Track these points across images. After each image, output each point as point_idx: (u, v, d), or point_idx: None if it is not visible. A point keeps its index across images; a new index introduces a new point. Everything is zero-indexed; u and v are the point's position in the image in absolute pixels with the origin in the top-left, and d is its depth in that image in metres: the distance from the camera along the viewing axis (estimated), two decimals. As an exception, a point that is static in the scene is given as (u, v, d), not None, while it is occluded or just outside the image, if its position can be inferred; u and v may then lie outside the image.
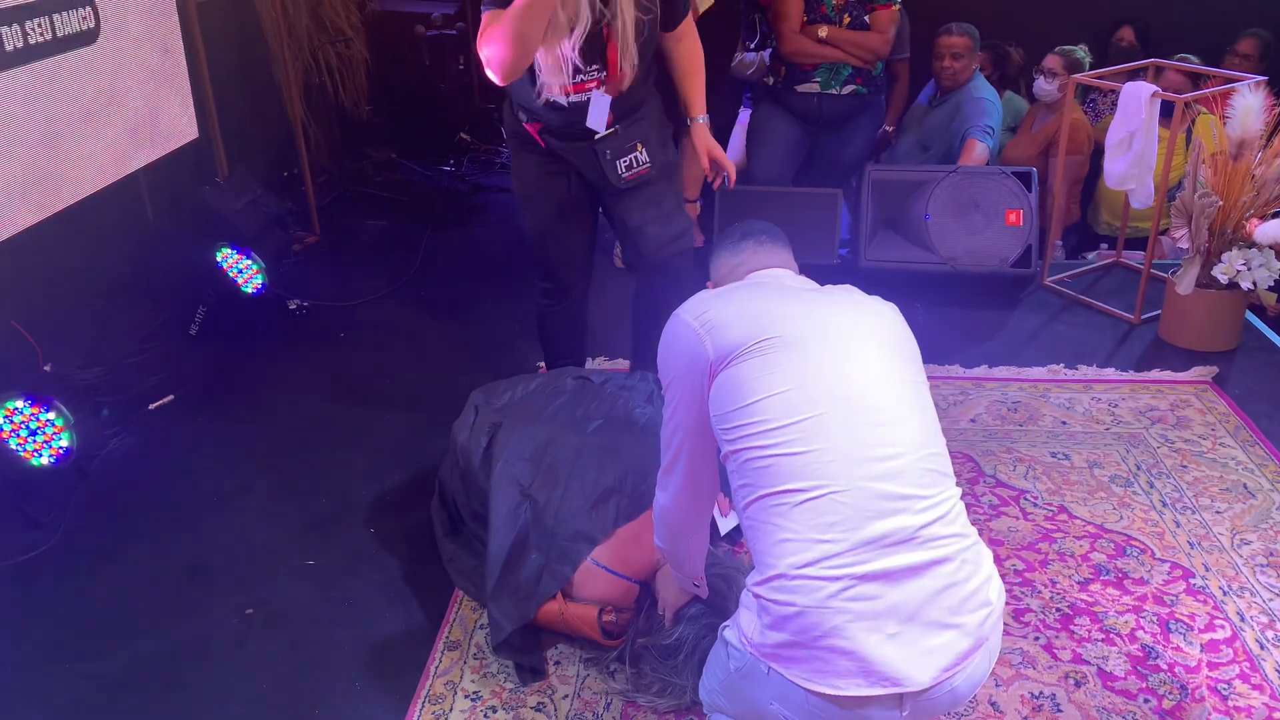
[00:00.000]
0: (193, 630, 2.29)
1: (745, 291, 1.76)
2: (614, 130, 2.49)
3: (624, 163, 2.52)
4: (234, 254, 3.58)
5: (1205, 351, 3.28)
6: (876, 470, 1.52)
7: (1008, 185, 3.67)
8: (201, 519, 2.67)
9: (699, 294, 1.77)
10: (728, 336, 1.62)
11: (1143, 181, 3.40)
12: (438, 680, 2.12)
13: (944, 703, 1.53)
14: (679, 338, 1.69)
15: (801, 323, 1.63)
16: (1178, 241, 3.28)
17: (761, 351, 1.59)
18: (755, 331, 1.61)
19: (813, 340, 1.61)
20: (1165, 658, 2.10)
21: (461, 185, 5.16)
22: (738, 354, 1.60)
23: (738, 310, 1.67)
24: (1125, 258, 3.99)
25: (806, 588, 1.49)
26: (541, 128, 2.53)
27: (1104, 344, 3.40)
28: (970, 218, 3.67)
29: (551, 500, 2.16)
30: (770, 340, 1.60)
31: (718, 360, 1.62)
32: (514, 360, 3.39)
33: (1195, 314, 3.29)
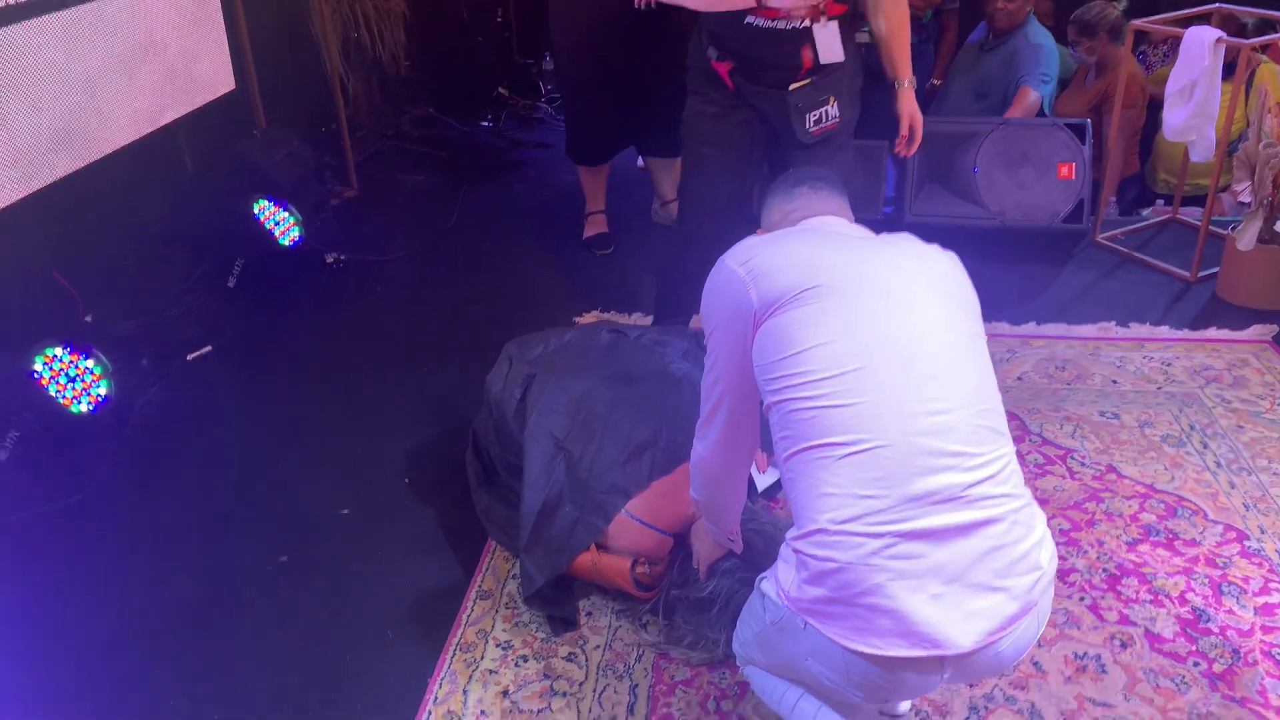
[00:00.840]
0: (227, 576, 2.30)
1: (794, 238, 1.69)
2: (809, 81, 2.38)
3: (813, 116, 2.39)
4: (271, 206, 3.56)
5: (1265, 310, 3.16)
6: (925, 425, 1.46)
7: (1060, 137, 3.55)
8: (238, 468, 2.68)
9: (746, 239, 1.70)
10: (774, 284, 1.56)
11: (1203, 133, 3.26)
12: (469, 629, 2.10)
13: (988, 667, 1.48)
14: (724, 285, 1.64)
15: (852, 270, 1.57)
16: (1239, 196, 3.15)
17: (808, 300, 1.53)
18: (802, 279, 1.55)
19: (863, 288, 1.55)
20: (1217, 621, 2.03)
21: (499, 141, 5.11)
22: (783, 302, 1.54)
23: (785, 257, 1.60)
24: (1182, 214, 3.85)
25: (847, 543, 1.44)
26: (733, 68, 2.40)
27: (1158, 302, 3.29)
28: (1020, 171, 3.56)
29: (586, 453, 2.13)
30: (817, 288, 1.53)
31: (762, 308, 1.56)
32: (550, 315, 3.35)
33: (1255, 271, 3.17)
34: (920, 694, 1.71)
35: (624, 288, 3.54)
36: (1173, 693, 1.87)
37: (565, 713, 1.90)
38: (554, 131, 5.24)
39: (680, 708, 1.90)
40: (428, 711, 1.91)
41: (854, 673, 1.48)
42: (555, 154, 4.93)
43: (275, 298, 3.54)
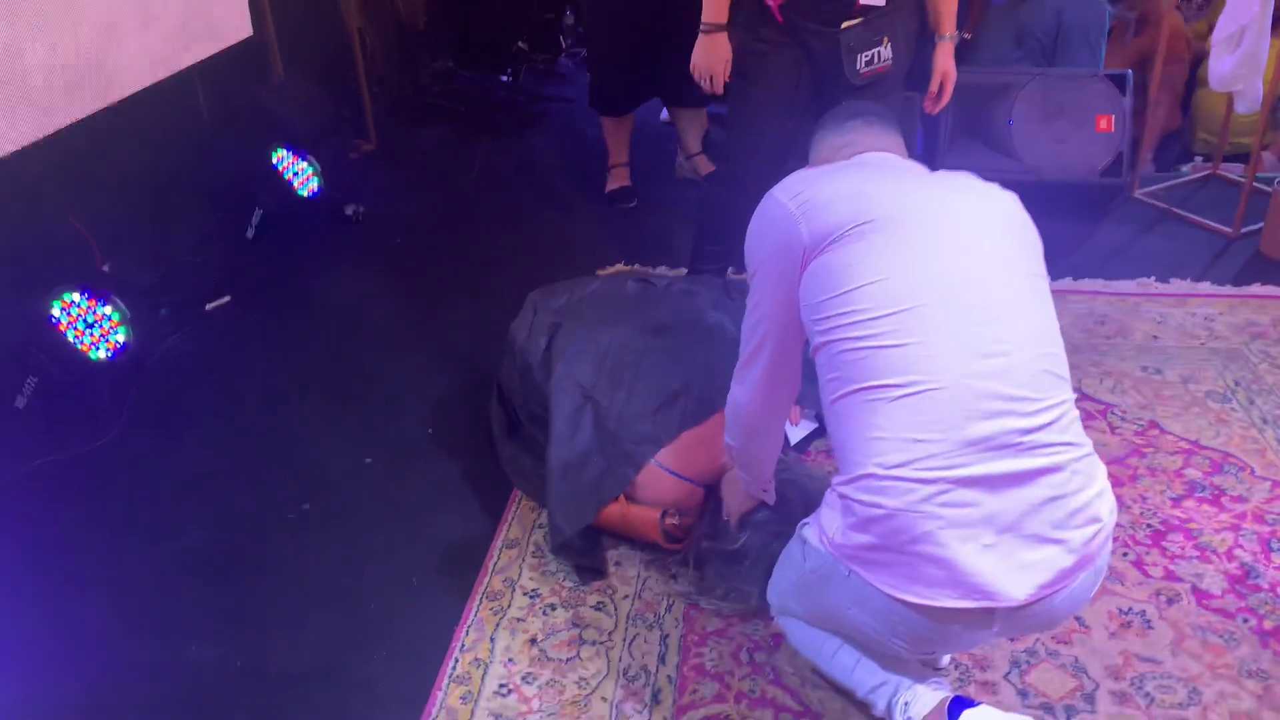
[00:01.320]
0: (250, 523, 2.26)
1: (848, 171, 1.61)
2: (862, 20, 2.29)
3: (865, 57, 2.30)
4: (290, 156, 3.51)
5: (1311, 266, 3.07)
6: (982, 367, 1.39)
7: (1099, 88, 3.44)
8: (259, 417, 2.64)
9: (796, 172, 1.63)
10: (825, 218, 1.49)
11: (1251, 83, 3.16)
12: (495, 577, 2.06)
13: (1039, 622, 1.43)
14: (772, 219, 1.56)
15: (908, 206, 1.49)
16: (1286, 147, 3.05)
17: (862, 235, 1.46)
18: (856, 213, 1.48)
19: (919, 225, 1.47)
20: (1266, 577, 1.97)
21: (519, 96, 5.02)
22: (835, 238, 1.47)
23: (838, 190, 1.53)
24: (1223, 170, 3.75)
25: (897, 489, 1.38)
26: (783, 2, 2.31)
27: (1199, 258, 3.20)
28: (1057, 123, 3.45)
29: (615, 402, 2.07)
30: (872, 223, 1.46)
31: (812, 244, 1.49)
32: (573, 267, 3.27)
33: (1301, 226, 3.07)
34: (967, 647, 1.66)
35: (648, 241, 3.47)
36: (1222, 649, 1.81)
37: (594, 661, 1.85)
38: (574, 87, 5.15)
39: (712, 658, 1.85)
40: (454, 659, 1.87)
41: (899, 623, 1.43)
42: (575, 109, 4.84)
43: (294, 248, 3.48)
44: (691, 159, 3.94)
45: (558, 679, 1.82)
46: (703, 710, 1.75)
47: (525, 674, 1.84)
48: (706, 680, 1.80)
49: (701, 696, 1.77)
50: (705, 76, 2.45)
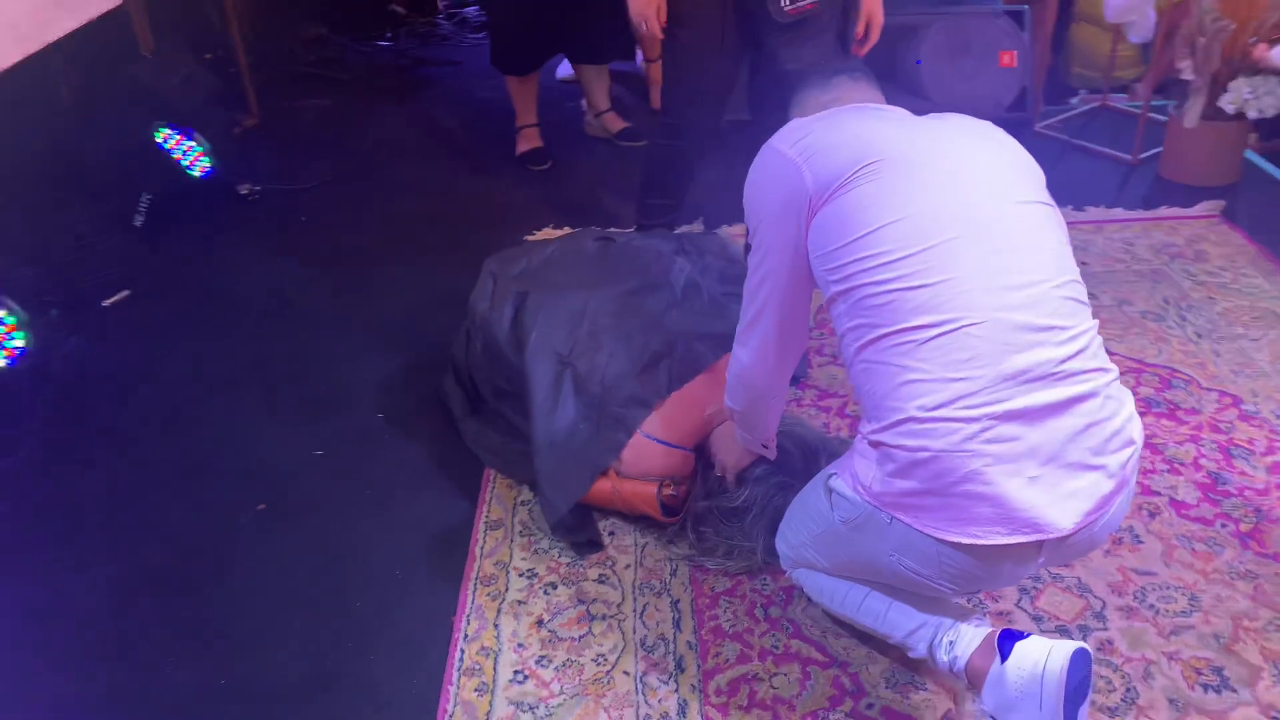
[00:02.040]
0: (202, 531, 2.09)
1: (847, 114, 1.57)
2: None
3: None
4: (175, 135, 3.24)
5: (1208, 186, 3.22)
6: (1013, 300, 1.37)
7: (1000, 25, 3.51)
8: (188, 416, 2.44)
9: (793, 121, 1.57)
10: (830, 162, 1.44)
11: (1144, 13, 3.27)
12: (486, 561, 1.96)
13: (1082, 549, 1.44)
14: (772, 170, 1.51)
15: (913, 143, 1.46)
16: (1181, 73, 3.17)
17: (871, 175, 1.42)
18: (862, 153, 1.44)
19: (929, 161, 1.44)
20: (1234, 483, 2.06)
21: (402, 60, 4.80)
22: (843, 181, 1.43)
23: (841, 134, 1.48)
24: (1112, 101, 3.89)
25: (940, 430, 1.35)
26: None
27: (1107, 185, 3.32)
28: (962, 61, 3.51)
29: (596, 366, 1.99)
30: (880, 163, 1.42)
31: (819, 192, 1.44)
32: (500, 235, 3.16)
33: (1199, 148, 3.22)
34: (1014, 581, 1.67)
35: (573, 202, 3.37)
36: (1209, 555, 1.89)
37: (609, 636, 1.79)
38: (459, 49, 4.96)
39: (728, 618, 1.81)
40: (460, 650, 1.78)
41: (948, 565, 1.41)
42: (466, 71, 4.67)
43: (191, 233, 3.24)
44: (600, 116, 3.84)
45: (574, 658, 1.75)
46: (730, 672, 1.71)
47: (539, 657, 1.76)
48: (727, 642, 1.76)
49: (725, 659, 1.73)
50: (640, 21, 2.37)
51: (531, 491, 2.12)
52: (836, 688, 1.67)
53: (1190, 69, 3.13)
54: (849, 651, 1.73)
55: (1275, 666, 1.66)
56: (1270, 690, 1.63)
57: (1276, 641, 1.71)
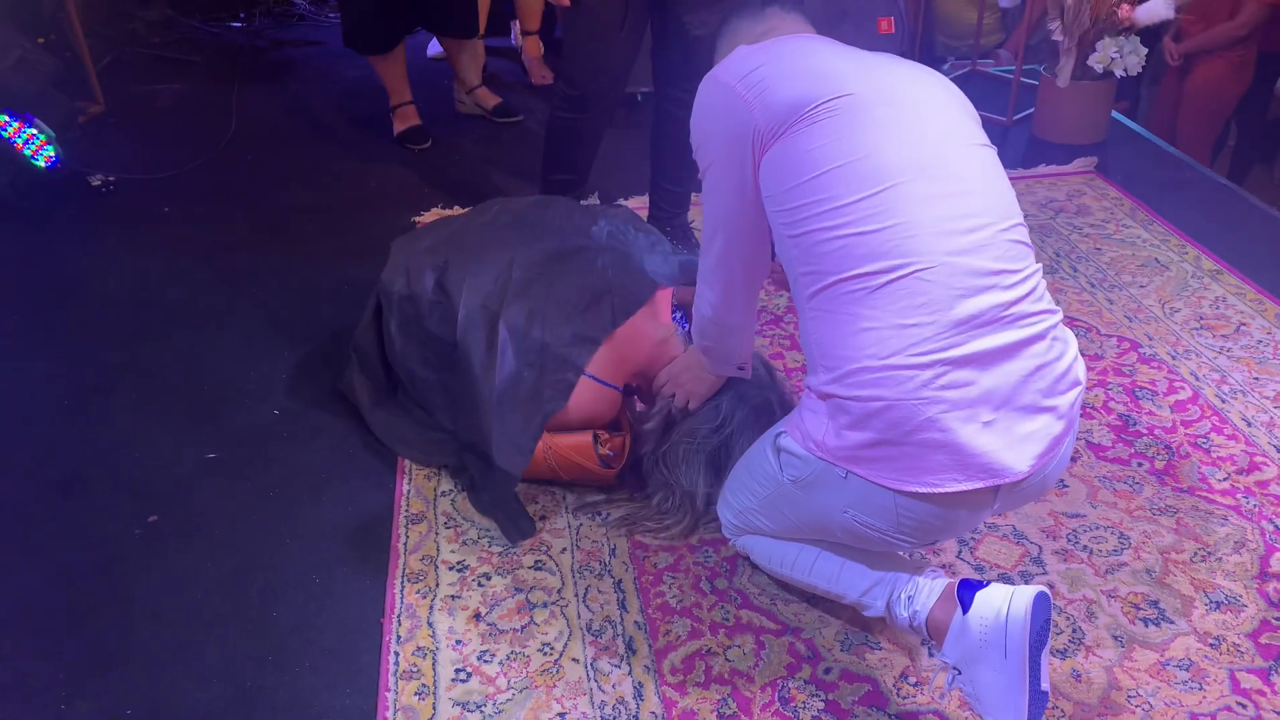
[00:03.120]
0: (90, 551, 1.89)
1: (794, 44, 1.51)
2: None
3: None
4: (14, 122, 2.95)
5: (1080, 144, 3.34)
6: (962, 244, 1.35)
7: (877, -8, 3.55)
8: (59, 427, 2.22)
9: (737, 51, 1.51)
10: (780, 97, 1.39)
11: (1014, -22, 3.36)
12: (411, 557, 1.84)
13: (1033, 492, 1.44)
14: (719, 106, 1.45)
15: (864, 82, 1.42)
16: (1052, 35, 3.27)
17: (824, 114, 1.38)
18: (814, 91, 1.39)
19: (879, 102, 1.41)
20: (1142, 423, 2.12)
21: (259, 41, 4.54)
22: (795, 119, 1.38)
23: (790, 67, 1.43)
24: (980, 66, 4.00)
25: (894, 379, 1.33)
26: None
27: (985, 146, 3.40)
28: (842, 27, 3.53)
29: (534, 312, 1.88)
30: (833, 102, 1.38)
31: (769, 128, 1.39)
32: (386, 218, 3.01)
33: (1070, 107, 3.33)
34: (969, 529, 1.67)
35: (457, 182, 3.24)
36: (1130, 494, 1.94)
37: (552, 624, 1.70)
38: (319, 29, 4.73)
39: (674, 594, 1.75)
40: (393, 653, 1.66)
41: (905, 517, 1.39)
42: (328, 51, 4.46)
43: (41, 230, 2.96)
44: (472, 93, 3.71)
45: (518, 650, 1.66)
46: (683, 649, 1.65)
47: (480, 652, 1.66)
48: (676, 618, 1.71)
49: (677, 636, 1.67)
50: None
51: (454, 479, 2.01)
52: (792, 655, 1.63)
53: (1060, 30, 3.24)
54: (800, 617, 1.70)
55: (1206, 595, 1.72)
56: (1205, 618, 1.68)
57: (1204, 571, 1.76)
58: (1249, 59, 3.95)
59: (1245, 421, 2.11)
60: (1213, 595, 1.72)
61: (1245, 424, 2.10)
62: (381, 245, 2.71)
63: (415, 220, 2.99)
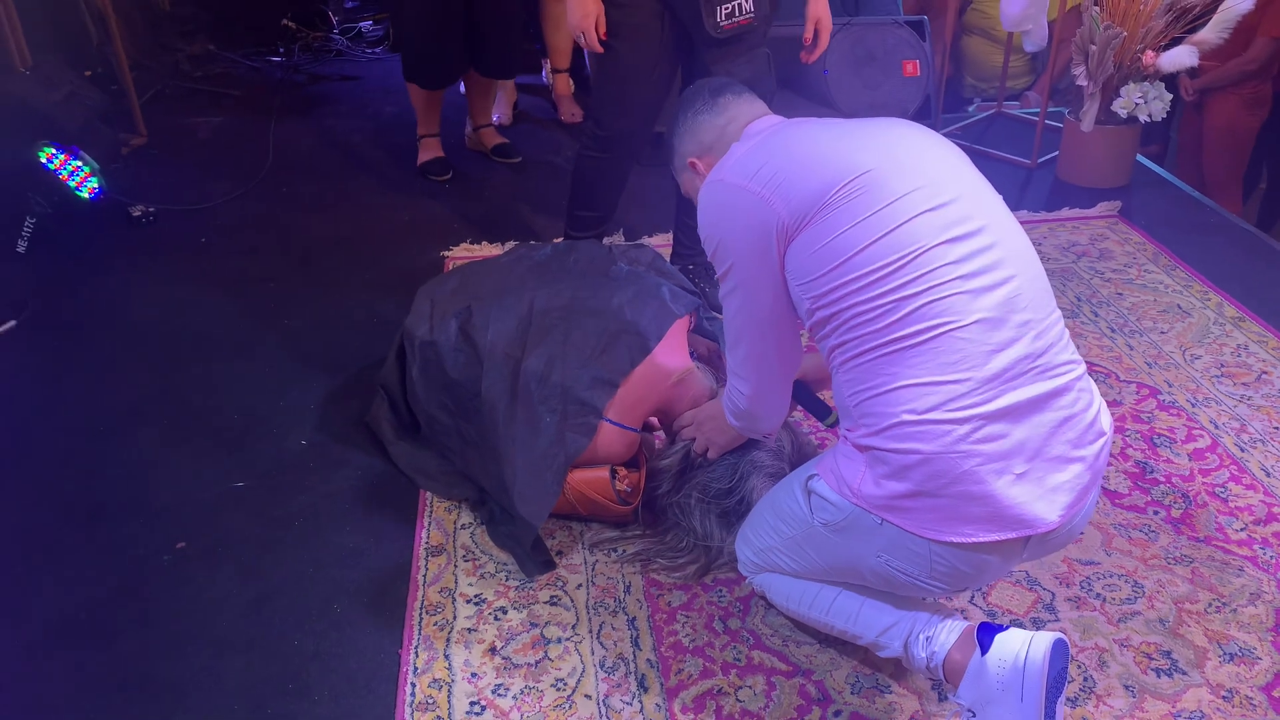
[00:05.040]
0: (118, 575, 1.94)
1: (790, 134, 1.54)
2: None
3: (725, 9, 2.24)
4: (60, 154, 3.05)
5: (1104, 188, 3.35)
6: (993, 299, 1.39)
7: (902, 35, 3.60)
8: (90, 453, 2.28)
9: (730, 156, 1.55)
10: (801, 189, 1.42)
11: (1038, 22, 3.40)
12: (430, 589, 1.88)
13: (1061, 542, 1.47)
14: (735, 207, 1.48)
15: (874, 155, 1.45)
16: (1076, 80, 3.30)
17: (846, 197, 1.41)
18: (832, 177, 1.42)
19: (895, 172, 1.43)
20: (1160, 471, 2.12)
21: (297, 76, 4.65)
22: (819, 206, 1.41)
23: (799, 157, 1.46)
24: (1006, 108, 4.03)
25: (932, 433, 1.36)
26: None
27: (1009, 188, 3.42)
28: (868, 70, 3.58)
29: (554, 358, 1.92)
30: (853, 183, 1.41)
31: (793, 220, 1.43)
32: (414, 251, 3.07)
33: (1094, 151, 3.35)
34: (999, 577, 1.69)
35: (485, 217, 3.31)
36: (1146, 542, 1.94)
37: (566, 659, 1.73)
38: (355, 64, 4.84)
39: (687, 633, 1.77)
40: (410, 684, 1.69)
41: (939, 565, 1.41)
42: (364, 86, 4.56)
43: (81, 259, 3.05)
44: (478, 130, 3.77)
45: (532, 685, 1.68)
46: (694, 689, 1.67)
47: (495, 686, 1.68)
48: (688, 657, 1.73)
49: (689, 675, 1.69)
50: (578, 33, 2.35)
51: (473, 512, 2.04)
52: (803, 697, 1.65)
53: (1084, 75, 3.26)
54: (812, 659, 1.71)
55: (1219, 647, 1.71)
56: (1218, 670, 1.67)
57: (1218, 622, 1.76)
58: (1264, 94, 3.95)
59: (1264, 471, 2.11)
60: (1226, 647, 1.71)
61: (1264, 474, 2.10)
62: (409, 279, 2.78)
63: (443, 254, 3.05)
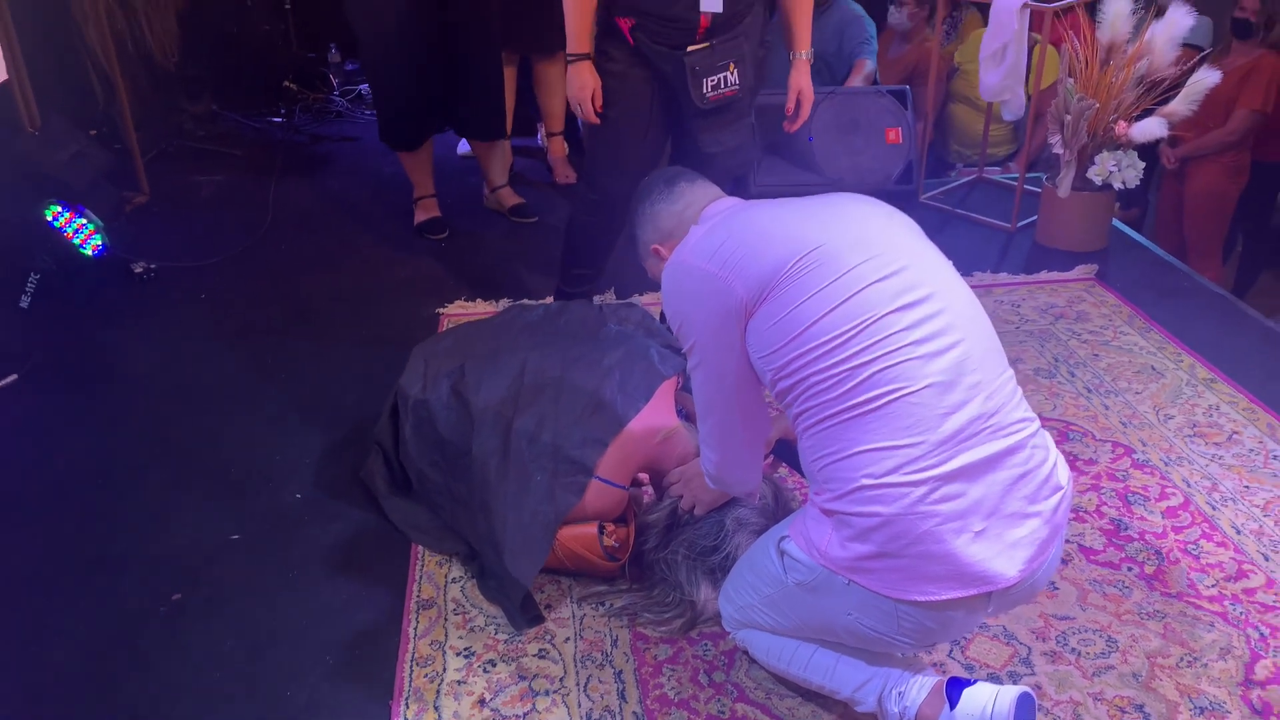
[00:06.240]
0: (113, 625, 1.98)
1: (746, 215, 1.62)
2: (708, 45, 2.32)
3: (711, 81, 2.34)
4: (65, 212, 3.13)
5: (1081, 251, 3.45)
6: (943, 363, 1.46)
7: (885, 103, 3.72)
8: (90, 502, 2.32)
9: (690, 238, 1.63)
10: (757, 268, 1.50)
11: (1015, 92, 3.52)
12: (420, 642, 1.92)
13: (1025, 595, 1.52)
14: (696, 287, 1.56)
15: (827, 231, 1.53)
16: (1053, 148, 3.42)
17: (800, 271, 1.48)
18: (786, 253, 1.50)
19: (846, 246, 1.51)
20: (1134, 528, 2.18)
21: (298, 136, 4.76)
22: (775, 281, 1.49)
23: (754, 237, 1.54)
24: (987, 174, 4.15)
25: (891, 495, 1.42)
26: (634, 24, 2.34)
27: (989, 252, 3.52)
28: (851, 137, 3.70)
29: (545, 418, 1.98)
30: (806, 258, 1.49)
31: (751, 298, 1.50)
32: (410, 308, 3.15)
33: (1071, 216, 3.45)
34: (966, 631, 1.73)
35: (480, 275, 3.38)
36: (1120, 598, 1.99)
37: (553, 711, 1.76)
38: (355, 125, 4.96)
39: (673, 686, 1.81)
40: (401, 736, 1.72)
41: (905, 622, 1.46)
42: (363, 147, 4.67)
43: (82, 314, 3.11)
44: (495, 191, 3.88)
45: (520, 736, 1.72)
46: (679, 740, 1.71)
47: (484, 737, 1.72)
48: (674, 710, 1.76)
49: (674, 727, 1.73)
50: (576, 105, 2.46)
51: (464, 567, 2.09)
52: (785, 749, 1.68)
53: (1060, 144, 3.38)
54: (794, 712, 1.75)
55: (1191, 700, 1.76)
56: (1188, 724, 1.72)
57: (1189, 677, 1.81)
58: (1243, 164, 4.09)
59: (1235, 529, 2.17)
60: (1197, 701, 1.76)
61: (1235, 531, 2.16)
62: (406, 334, 2.85)
63: (439, 311, 3.12)
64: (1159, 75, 3.21)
